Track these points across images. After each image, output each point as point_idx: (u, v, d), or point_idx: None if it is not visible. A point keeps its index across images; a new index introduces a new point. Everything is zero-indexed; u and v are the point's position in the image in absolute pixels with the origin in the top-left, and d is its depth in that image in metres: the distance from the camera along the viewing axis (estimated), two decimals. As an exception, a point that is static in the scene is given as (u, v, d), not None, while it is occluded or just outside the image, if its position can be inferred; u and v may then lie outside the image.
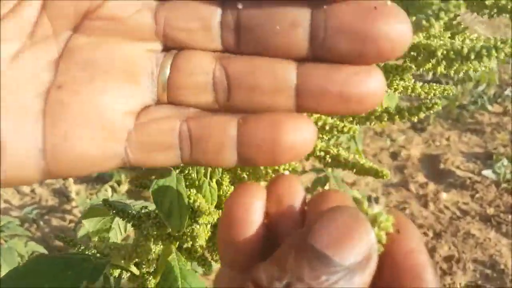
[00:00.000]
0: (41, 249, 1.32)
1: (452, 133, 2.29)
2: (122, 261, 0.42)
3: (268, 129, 0.19)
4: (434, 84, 0.30)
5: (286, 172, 0.32)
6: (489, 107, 2.47)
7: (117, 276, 0.45)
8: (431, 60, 0.24)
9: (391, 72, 0.27)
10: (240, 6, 0.19)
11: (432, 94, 0.30)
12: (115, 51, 0.20)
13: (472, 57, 0.23)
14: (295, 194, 0.20)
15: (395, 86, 0.29)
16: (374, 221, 0.17)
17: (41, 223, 1.75)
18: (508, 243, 1.60)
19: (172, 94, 0.20)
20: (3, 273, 1.38)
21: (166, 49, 0.21)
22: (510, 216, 1.72)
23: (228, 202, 0.20)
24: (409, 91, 0.30)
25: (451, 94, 0.30)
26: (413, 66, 0.26)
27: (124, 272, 0.45)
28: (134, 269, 0.44)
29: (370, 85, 0.18)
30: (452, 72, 0.26)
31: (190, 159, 0.20)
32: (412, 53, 0.25)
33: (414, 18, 0.22)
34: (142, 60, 0.20)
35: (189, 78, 0.20)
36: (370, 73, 0.18)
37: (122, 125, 0.20)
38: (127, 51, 0.20)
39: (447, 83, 2.19)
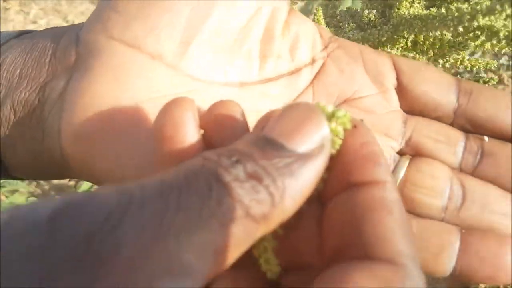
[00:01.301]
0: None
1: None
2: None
3: (494, 245, 0.21)
4: (479, 58, 0.33)
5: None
6: None
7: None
8: (492, 39, 0.27)
9: (452, 47, 0.30)
10: (486, 139, 0.23)
11: (477, 67, 0.33)
12: None
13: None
14: (236, 114, 0.19)
15: (446, 58, 0.32)
16: (332, 116, 0.17)
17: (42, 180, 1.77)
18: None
19: (406, 190, 0.22)
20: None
21: (400, 153, 0.24)
22: None
23: (157, 118, 0.18)
24: (458, 63, 0.33)
25: (492, 67, 0.33)
26: (472, 44, 0.29)
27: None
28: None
29: None
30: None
31: None
32: (476, 32, 0.27)
33: (489, 2, 0.24)
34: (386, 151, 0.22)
35: (430, 180, 0.22)
36: None
37: None
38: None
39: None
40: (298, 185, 0.15)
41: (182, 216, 0.13)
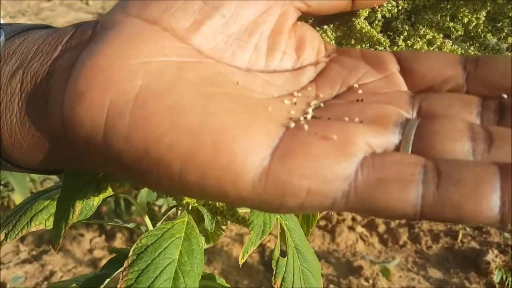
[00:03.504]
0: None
1: None
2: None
3: None
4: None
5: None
6: None
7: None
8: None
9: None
10: (505, 96, 0.21)
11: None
12: (367, 107, 0.21)
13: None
14: None
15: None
16: None
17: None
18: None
19: (423, 138, 0.20)
20: (15, 196, 1.44)
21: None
22: None
23: None
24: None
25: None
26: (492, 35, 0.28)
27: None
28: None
29: None
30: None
31: (433, 198, 0.18)
32: (499, 24, 0.27)
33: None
34: (393, 114, 0.21)
35: (448, 125, 0.20)
36: None
37: (355, 161, 0.19)
38: (378, 108, 0.21)
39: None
40: None
41: None
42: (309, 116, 0.21)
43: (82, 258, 1.38)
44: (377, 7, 0.28)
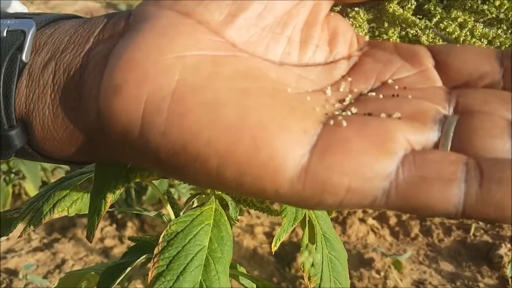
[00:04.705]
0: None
1: None
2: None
3: None
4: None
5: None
6: None
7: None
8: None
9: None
10: None
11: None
12: (404, 102, 0.21)
13: None
14: None
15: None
16: None
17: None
18: None
19: (462, 135, 0.19)
20: (27, 185, 1.44)
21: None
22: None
23: None
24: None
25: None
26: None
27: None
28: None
29: None
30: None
31: (476, 197, 0.17)
32: None
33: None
34: (431, 110, 0.20)
35: (488, 123, 0.19)
36: None
37: (396, 158, 0.18)
38: (415, 104, 0.21)
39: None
40: None
41: None
42: (346, 112, 0.21)
43: (93, 246, 1.38)
44: None
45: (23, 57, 0.23)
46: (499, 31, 0.28)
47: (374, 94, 0.22)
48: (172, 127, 0.20)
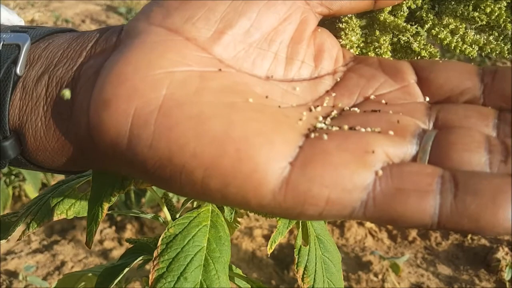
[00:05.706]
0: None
1: None
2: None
3: None
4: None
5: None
6: None
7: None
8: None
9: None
10: None
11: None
12: (384, 117, 0.22)
13: None
14: None
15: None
16: None
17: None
18: None
19: (440, 148, 0.20)
20: (27, 187, 1.44)
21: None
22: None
23: None
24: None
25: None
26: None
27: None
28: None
29: None
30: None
31: (451, 208, 0.18)
32: None
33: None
34: (411, 125, 0.21)
35: (464, 137, 0.20)
36: None
37: (374, 171, 0.19)
38: (395, 119, 0.21)
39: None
40: None
41: None
42: (328, 126, 0.21)
43: (93, 248, 1.38)
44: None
45: (18, 71, 0.24)
46: (491, 38, 0.29)
47: (356, 109, 0.23)
48: (159, 140, 0.20)
